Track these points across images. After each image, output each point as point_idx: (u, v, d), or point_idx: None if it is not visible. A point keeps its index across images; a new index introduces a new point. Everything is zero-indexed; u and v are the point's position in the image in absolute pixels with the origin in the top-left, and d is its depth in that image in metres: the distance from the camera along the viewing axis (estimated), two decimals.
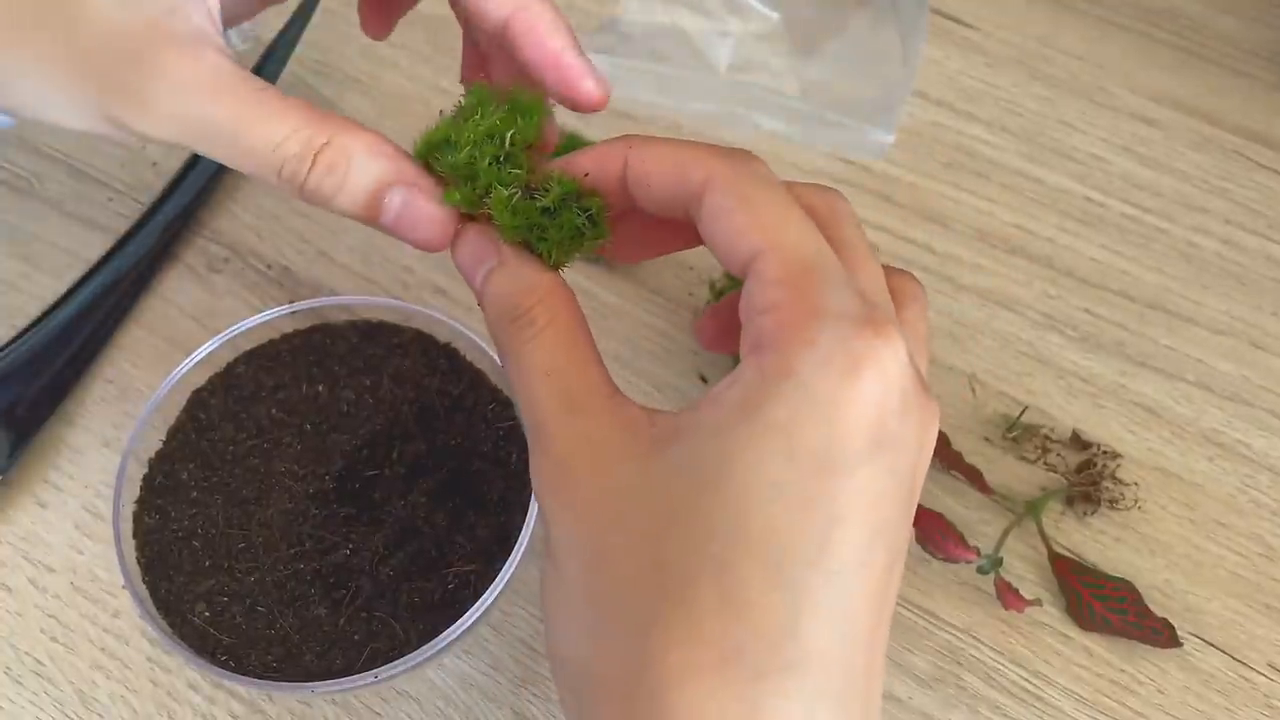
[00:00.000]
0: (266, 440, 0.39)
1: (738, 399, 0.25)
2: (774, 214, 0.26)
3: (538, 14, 0.34)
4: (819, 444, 0.24)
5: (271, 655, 0.34)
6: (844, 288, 0.25)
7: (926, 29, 0.60)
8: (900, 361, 0.24)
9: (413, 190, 0.30)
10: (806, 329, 0.24)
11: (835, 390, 0.24)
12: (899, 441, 0.25)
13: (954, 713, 0.38)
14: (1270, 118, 0.57)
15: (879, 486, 0.24)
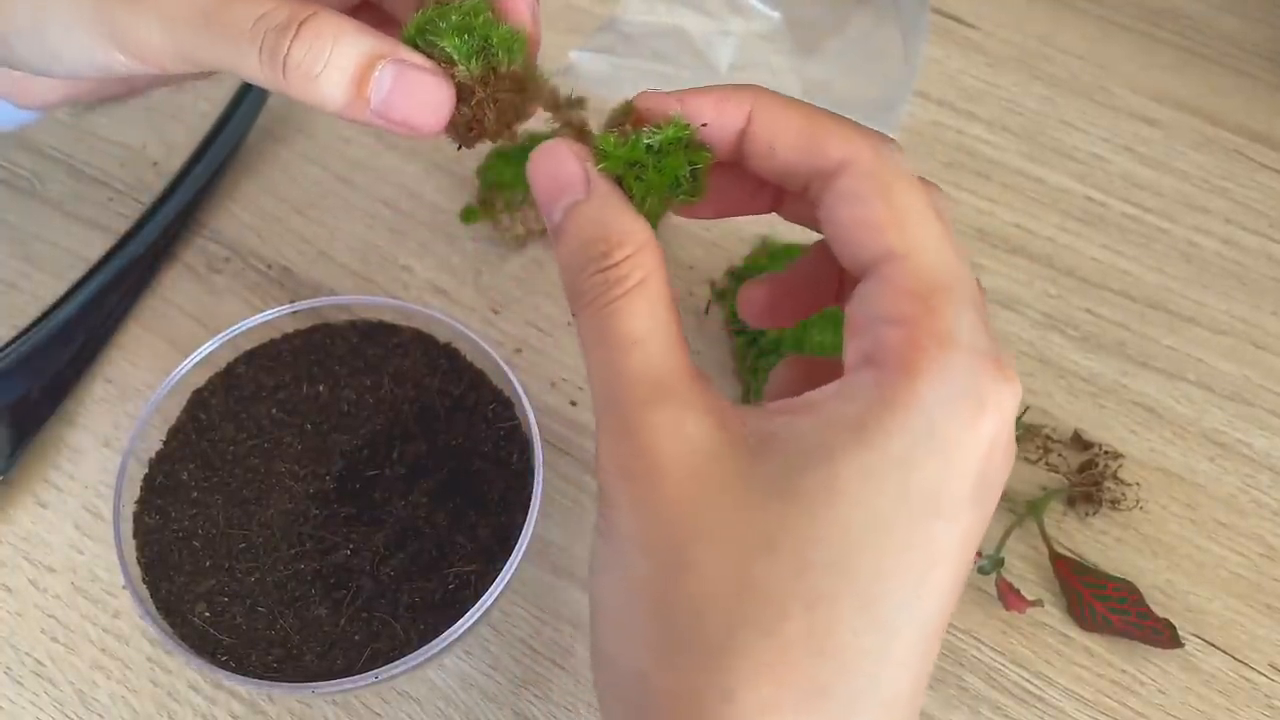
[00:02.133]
0: (267, 440, 0.39)
1: (852, 418, 0.23)
2: (916, 216, 0.24)
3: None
4: (933, 485, 0.23)
5: (272, 655, 0.34)
6: (975, 312, 0.24)
7: (927, 28, 0.60)
8: (1015, 400, 0.24)
9: (401, 61, 0.27)
10: (940, 358, 0.23)
11: (959, 431, 0.23)
12: (995, 488, 0.24)
13: (955, 713, 0.38)
14: (1271, 117, 0.57)
15: (974, 529, 0.24)
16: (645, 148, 0.25)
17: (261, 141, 0.53)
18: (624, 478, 0.24)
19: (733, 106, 0.26)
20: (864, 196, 0.24)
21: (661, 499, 0.24)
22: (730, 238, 0.51)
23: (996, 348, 0.24)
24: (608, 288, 0.24)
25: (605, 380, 0.24)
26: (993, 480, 0.24)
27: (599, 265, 0.24)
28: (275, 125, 0.54)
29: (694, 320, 0.48)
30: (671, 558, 0.23)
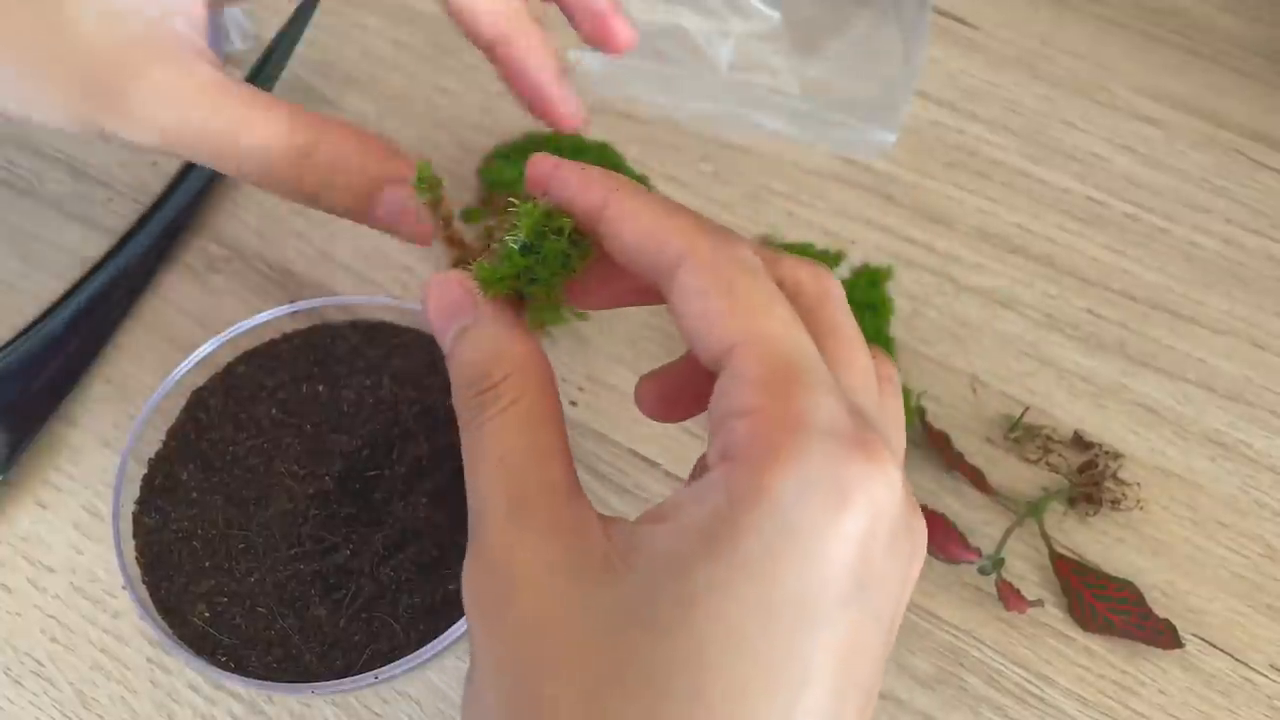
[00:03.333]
0: (267, 440, 0.39)
1: (702, 524, 0.21)
2: (757, 302, 0.23)
3: (523, 48, 0.34)
4: (796, 590, 0.20)
5: (272, 656, 0.34)
6: (831, 395, 0.22)
7: (928, 28, 0.60)
8: (893, 488, 0.21)
9: (403, 186, 0.29)
10: (788, 446, 0.21)
11: (819, 525, 0.20)
12: (884, 579, 0.22)
13: (955, 714, 0.38)
14: (1272, 117, 0.57)
15: (857, 637, 0.21)
16: (521, 250, 0.25)
17: None
18: (475, 604, 0.23)
19: (596, 190, 0.25)
20: (702, 290, 0.23)
21: (510, 623, 0.22)
22: None
23: (863, 429, 0.22)
24: (482, 408, 0.24)
25: (473, 496, 0.24)
26: (880, 570, 0.21)
27: (477, 388, 0.25)
28: None
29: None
30: (518, 690, 0.22)
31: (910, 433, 0.44)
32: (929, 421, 0.44)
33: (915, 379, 0.46)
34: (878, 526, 0.21)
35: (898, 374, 0.27)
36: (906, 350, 0.47)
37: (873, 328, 0.44)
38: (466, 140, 0.54)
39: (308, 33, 0.56)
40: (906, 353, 0.47)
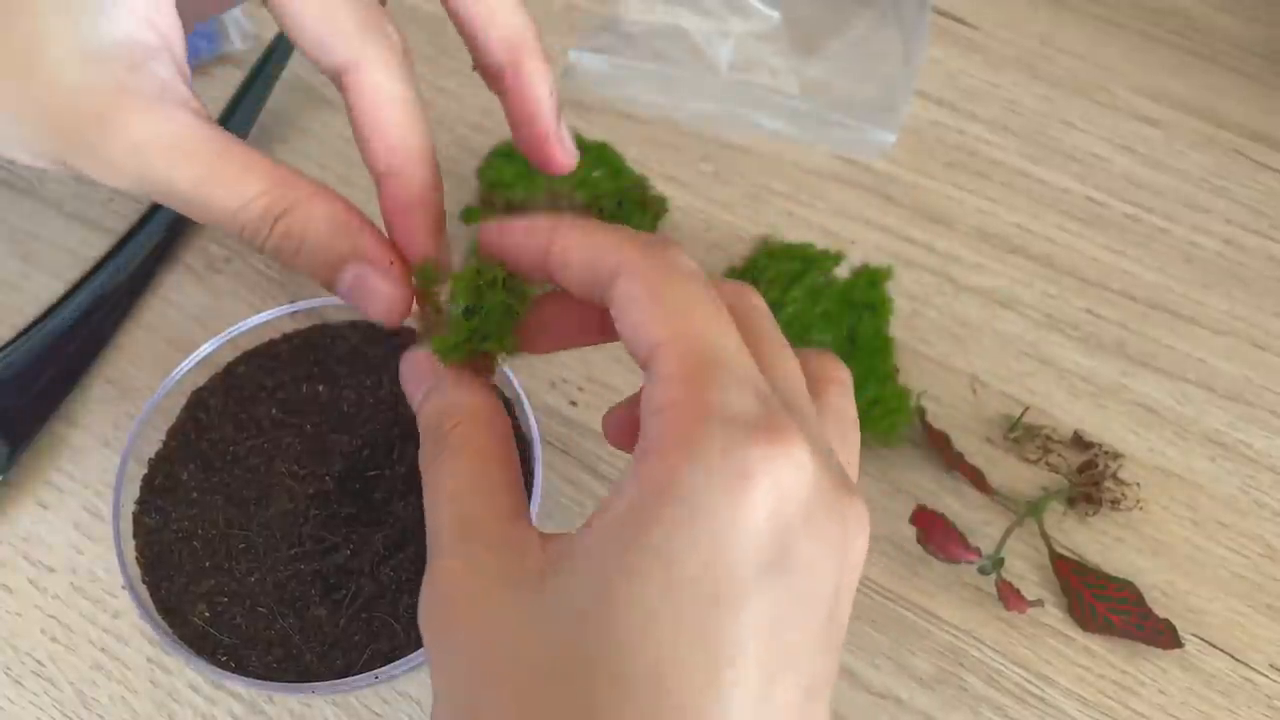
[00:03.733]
0: (267, 440, 0.39)
1: (618, 518, 0.22)
2: (680, 303, 0.24)
3: (527, 81, 0.33)
4: (704, 573, 0.21)
5: (272, 656, 0.34)
6: (743, 386, 0.22)
7: (928, 28, 0.60)
8: (801, 469, 0.22)
9: (365, 268, 0.30)
10: (693, 434, 0.22)
11: (721, 509, 0.21)
12: (806, 561, 0.22)
13: (955, 714, 0.38)
14: (1272, 117, 0.57)
15: (781, 617, 0.21)
16: (465, 314, 0.28)
17: (262, 142, 0.53)
18: (428, 624, 0.24)
19: (541, 233, 0.27)
20: (633, 296, 0.24)
21: (458, 642, 0.23)
22: (730, 237, 0.51)
23: (771, 415, 0.22)
24: (437, 453, 0.27)
25: (429, 535, 0.26)
26: (801, 551, 0.22)
27: (434, 436, 0.27)
28: (275, 126, 0.54)
29: None
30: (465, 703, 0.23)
31: (910, 433, 0.44)
32: (929, 421, 0.44)
33: (915, 379, 0.46)
34: (787, 508, 0.21)
35: (849, 377, 0.27)
36: (906, 350, 0.47)
37: (872, 328, 0.44)
38: (466, 140, 0.54)
39: None
40: (906, 353, 0.47)
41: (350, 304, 0.30)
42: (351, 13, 0.30)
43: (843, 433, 0.26)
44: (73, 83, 0.28)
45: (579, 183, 0.48)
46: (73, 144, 0.29)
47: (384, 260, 0.30)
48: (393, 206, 0.31)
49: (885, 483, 0.43)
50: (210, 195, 0.29)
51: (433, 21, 0.59)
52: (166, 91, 0.29)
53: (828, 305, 0.44)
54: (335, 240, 0.30)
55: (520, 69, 0.33)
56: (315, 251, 0.30)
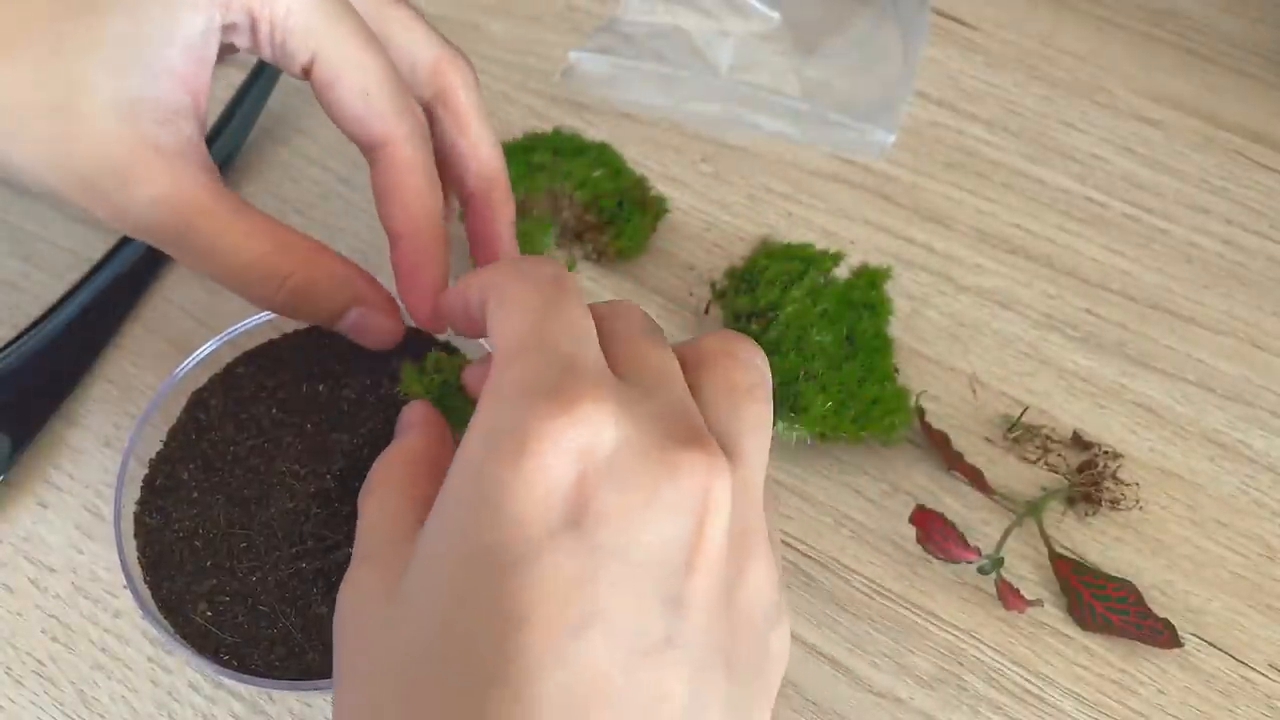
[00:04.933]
0: (267, 440, 0.39)
1: (434, 509, 0.24)
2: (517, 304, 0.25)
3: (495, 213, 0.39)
4: (491, 537, 0.21)
5: (274, 654, 0.34)
6: (549, 363, 0.23)
7: (927, 29, 0.60)
8: (595, 427, 0.22)
9: (365, 311, 0.34)
10: (480, 414, 0.23)
11: (500, 473, 0.21)
12: (610, 514, 0.21)
13: (955, 713, 0.38)
14: (1271, 118, 0.57)
15: (583, 572, 0.21)
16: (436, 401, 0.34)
17: (262, 142, 0.53)
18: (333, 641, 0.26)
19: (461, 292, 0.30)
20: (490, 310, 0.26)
21: (343, 656, 0.25)
22: (730, 238, 0.51)
23: (569, 379, 0.22)
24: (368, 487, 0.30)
25: None
26: (601, 511, 0.21)
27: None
28: (276, 126, 0.54)
29: (694, 320, 0.48)
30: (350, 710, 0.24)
31: (910, 433, 0.44)
32: (928, 421, 0.44)
33: (915, 379, 0.46)
34: (581, 466, 0.22)
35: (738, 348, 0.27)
36: (906, 350, 0.47)
37: (872, 328, 0.44)
38: None
39: None
40: (906, 353, 0.47)
41: (350, 337, 0.35)
42: (390, 97, 0.33)
43: (729, 399, 0.25)
44: (104, 132, 0.29)
45: (579, 183, 0.48)
46: (98, 195, 0.30)
47: (380, 302, 0.34)
48: (403, 264, 0.35)
49: (885, 483, 0.43)
50: (219, 256, 0.31)
51: (433, 21, 0.59)
52: (189, 150, 0.31)
53: (827, 305, 0.44)
54: (338, 293, 0.33)
55: (490, 200, 0.38)
56: (321, 304, 0.33)
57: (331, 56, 0.32)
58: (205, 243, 0.31)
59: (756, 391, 0.26)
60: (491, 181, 0.38)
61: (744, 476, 0.24)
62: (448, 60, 0.36)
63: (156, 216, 0.30)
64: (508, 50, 0.58)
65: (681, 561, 0.22)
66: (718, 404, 0.25)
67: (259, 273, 0.32)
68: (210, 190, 0.31)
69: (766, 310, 0.44)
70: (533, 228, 0.46)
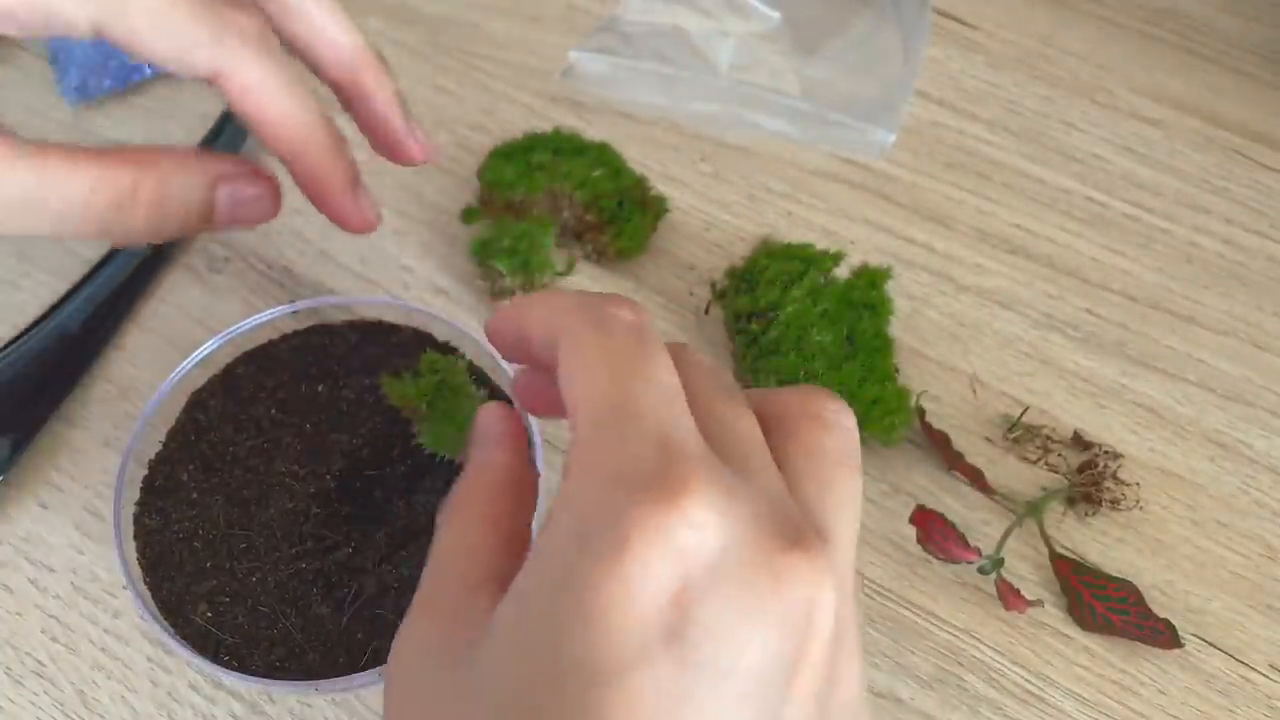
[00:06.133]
0: (267, 440, 0.39)
1: (518, 593, 0.21)
2: (595, 356, 0.22)
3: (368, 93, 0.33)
4: (583, 651, 0.19)
5: (274, 655, 0.34)
6: (645, 439, 0.20)
7: (928, 28, 0.60)
8: (697, 527, 0.19)
9: (234, 186, 0.30)
10: (573, 494, 0.20)
11: (597, 580, 0.19)
12: (714, 629, 0.19)
13: (955, 713, 0.38)
14: (1271, 117, 0.57)
15: (680, 692, 0.19)
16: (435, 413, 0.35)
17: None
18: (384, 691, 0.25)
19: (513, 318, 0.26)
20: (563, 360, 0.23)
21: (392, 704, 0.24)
22: (730, 238, 0.51)
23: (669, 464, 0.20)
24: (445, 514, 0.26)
25: None
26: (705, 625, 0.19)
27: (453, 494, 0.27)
28: None
29: (694, 320, 0.48)
30: None
31: (910, 433, 0.44)
32: (929, 421, 0.44)
33: (915, 379, 0.46)
34: (684, 571, 0.19)
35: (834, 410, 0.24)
36: (906, 350, 0.47)
37: (872, 328, 0.44)
38: (466, 140, 0.54)
39: None
40: (906, 353, 0.47)
41: (238, 224, 0.31)
42: (188, 23, 0.29)
43: (818, 472, 0.23)
44: None
45: (579, 183, 0.48)
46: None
47: (242, 169, 0.30)
48: (304, 184, 0.31)
49: (885, 483, 0.43)
50: (51, 200, 0.28)
51: (433, 21, 0.59)
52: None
53: (828, 305, 0.44)
54: (195, 179, 0.29)
55: (359, 85, 0.33)
56: (185, 200, 0.29)
57: (108, 10, 0.28)
58: (29, 194, 0.28)
59: (848, 461, 0.24)
60: (352, 62, 0.33)
61: (839, 565, 0.22)
62: None
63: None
64: (508, 50, 0.58)
65: (784, 679, 0.20)
66: (807, 481, 0.23)
67: (104, 200, 0.28)
68: (8, 148, 0.27)
69: (766, 310, 0.44)
70: (533, 228, 0.46)
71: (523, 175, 0.48)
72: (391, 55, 0.57)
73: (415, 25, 0.59)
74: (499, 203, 0.49)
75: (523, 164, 0.49)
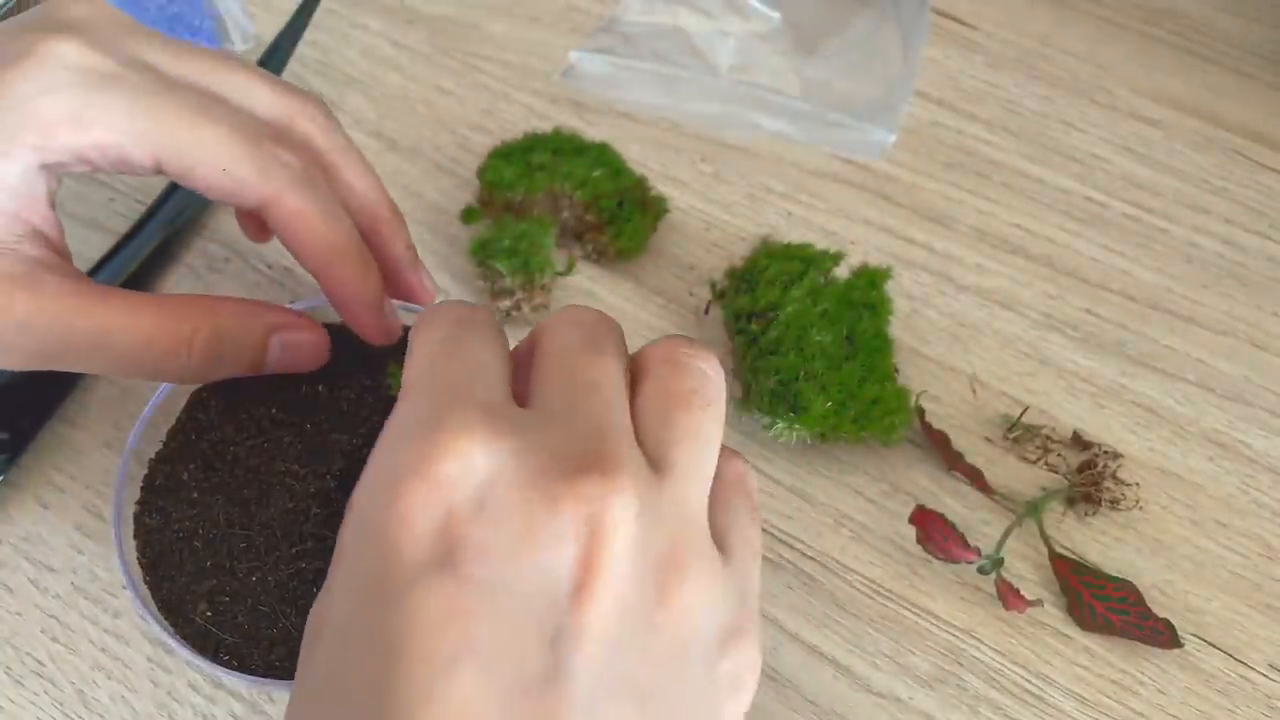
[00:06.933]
0: (267, 440, 0.39)
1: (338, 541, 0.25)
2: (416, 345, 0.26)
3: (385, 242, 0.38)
4: (372, 573, 0.22)
5: (275, 654, 0.34)
6: (432, 400, 0.23)
7: (927, 28, 0.60)
8: (463, 459, 0.22)
9: (286, 335, 0.34)
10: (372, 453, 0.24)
11: (379, 512, 0.22)
12: (482, 550, 0.21)
13: (955, 713, 0.38)
14: (1270, 118, 0.57)
15: (449, 606, 0.21)
16: None
17: None
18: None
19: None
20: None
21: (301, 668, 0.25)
22: (730, 238, 0.51)
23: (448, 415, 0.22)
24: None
25: None
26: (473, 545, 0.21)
27: None
28: None
29: (694, 320, 0.48)
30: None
31: (910, 433, 0.44)
32: (928, 421, 0.44)
33: (915, 379, 0.46)
34: (451, 494, 0.22)
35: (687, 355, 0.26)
36: (906, 350, 0.47)
37: (872, 328, 0.44)
38: (466, 140, 0.54)
39: (308, 33, 0.56)
40: (906, 353, 0.47)
41: (288, 369, 0.35)
42: (246, 161, 0.32)
43: (660, 408, 0.25)
44: None
45: (579, 183, 0.48)
46: None
47: (294, 319, 0.35)
48: (335, 298, 0.35)
49: (885, 483, 0.43)
50: (114, 343, 0.31)
51: (433, 21, 0.59)
52: (39, 270, 0.31)
53: (827, 305, 0.44)
54: (249, 327, 0.34)
55: (377, 233, 0.37)
56: (239, 345, 0.33)
57: (171, 150, 0.31)
58: (94, 339, 0.31)
59: (693, 398, 0.25)
60: (373, 215, 0.37)
61: (673, 491, 0.23)
62: (295, 111, 0.35)
63: (34, 337, 0.31)
64: (508, 50, 0.58)
65: (567, 595, 0.21)
66: (648, 415, 0.25)
67: (162, 343, 0.32)
68: (75, 292, 0.31)
69: (766, 310, 0.44)
70: (533, 228, 0.46)
71: (523, 175, 0.48)
72: (391, 55, 0.57)
73: (415, 25, 0.59)
74: (499, 203, 0.49)
75: (523, 164, 0.49)
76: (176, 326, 0.32)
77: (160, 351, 0.32)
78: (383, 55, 0.57)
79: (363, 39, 0.58)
